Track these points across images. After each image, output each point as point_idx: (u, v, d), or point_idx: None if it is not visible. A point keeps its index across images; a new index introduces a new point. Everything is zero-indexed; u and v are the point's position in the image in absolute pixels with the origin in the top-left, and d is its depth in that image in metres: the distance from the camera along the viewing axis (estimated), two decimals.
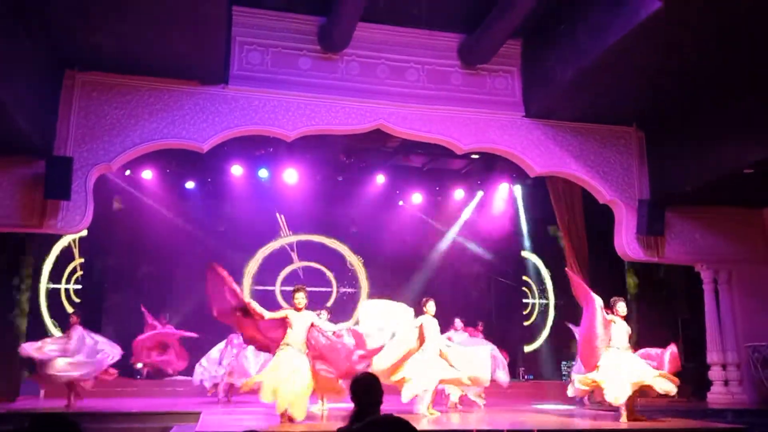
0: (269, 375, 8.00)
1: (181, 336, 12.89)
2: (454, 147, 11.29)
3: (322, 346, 8.32)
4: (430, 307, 9.82)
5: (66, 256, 15.13)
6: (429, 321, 9.70)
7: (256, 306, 8.23)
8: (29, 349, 10.24)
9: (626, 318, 9.21)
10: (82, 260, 15.25)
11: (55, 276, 15.03)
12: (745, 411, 10.76)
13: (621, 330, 8.95)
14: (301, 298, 8.36)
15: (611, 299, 9.27)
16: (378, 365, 8.95)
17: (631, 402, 8.68)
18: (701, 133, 10.56)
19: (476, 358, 9.87)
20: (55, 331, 14.19)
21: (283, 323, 8.29)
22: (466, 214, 17.39)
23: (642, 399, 9.53)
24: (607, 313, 8.96)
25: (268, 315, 8.27)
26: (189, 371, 13.83)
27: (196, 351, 12.88)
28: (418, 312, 9.91)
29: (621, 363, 8.63)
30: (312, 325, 8.37)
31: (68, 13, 8.49)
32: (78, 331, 10.46)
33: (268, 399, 7.85)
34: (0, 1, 7.51)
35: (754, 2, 7.54)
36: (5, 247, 12.05)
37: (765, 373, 11.42)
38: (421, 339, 9.59)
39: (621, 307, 9.14)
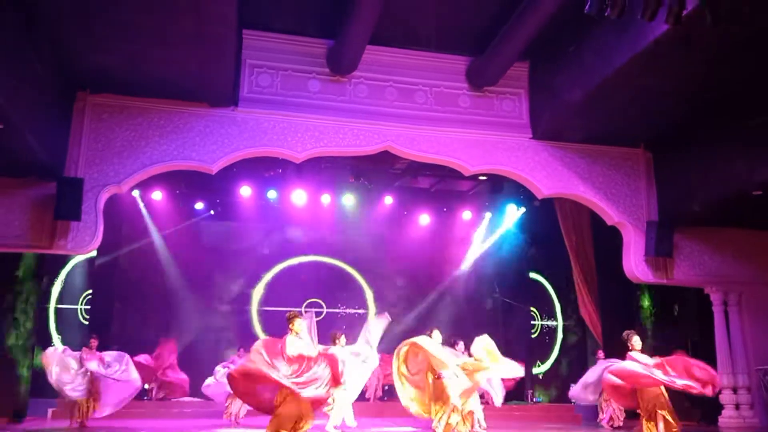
0: None
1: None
2: (461, 169, 11.32)
3: None
4: (436, 336, 9.82)
5: (75, 277, 15.17)
6: None
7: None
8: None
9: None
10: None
11: (64, 296, 15.08)
12: None
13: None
14: (298, 324, 8.39)
15: (624, 333, 9.11)
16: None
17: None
18: (709, 155, 10.56)
19: None
20: None
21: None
22: (474, 235, 17.36)
23: None
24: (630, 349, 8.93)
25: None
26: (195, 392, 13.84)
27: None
28: None
29: None
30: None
31: (79, 37, 8.62)
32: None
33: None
34: (10, 24, 7.62)
35: (761, 24, 7.57)
36: (15, 268, 12.10)
37: None
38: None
39: (636, 341, 9.00)
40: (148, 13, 8.12)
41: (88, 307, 15.21)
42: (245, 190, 14.92)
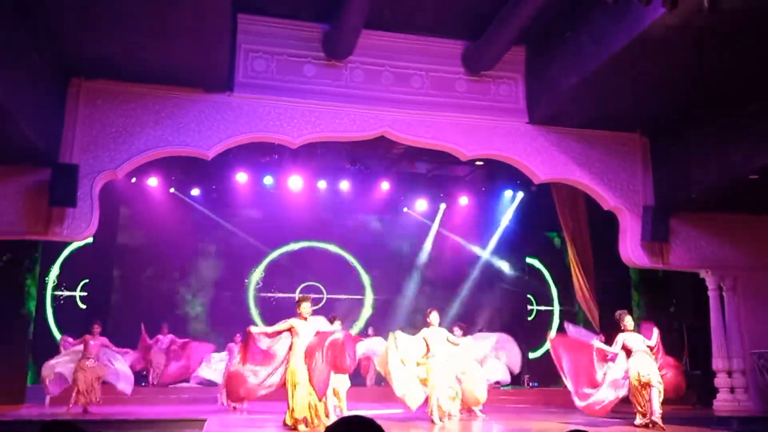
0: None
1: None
2: (458, 154, 11.30)
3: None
4: (434, 318, 9.83)
5: (72, 263, 15.16)
6: (432, 332, 9.69)
7: (257, 329, 8.47)
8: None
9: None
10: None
11: (61, 283, 15.07)
12: (752, 419, 10.72)
13: (636, 340, 9.06)
14: (307, 308, 8.41)
15: (617, 313, 9.24)
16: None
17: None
18: (706, 139, 10.56)
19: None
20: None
21: (288, 333, 8.35)
22: (469, 220, 17.37)
23: None
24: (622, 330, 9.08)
25: (272, 329, 8.33)
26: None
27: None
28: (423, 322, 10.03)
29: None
30: (317, 332, 8.39)
31: (73, 22, 8.55)
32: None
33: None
34: (5, 9, 7.56)
35: (757, 8, 7.54)
36: (12, 254, 12.08)
37: None
38: (427, 350, 9.62)
39: (628, 321, 9.13)
40: (143, 0, 8.05)
41: (85, 293, 15.22)
42: (241, 176, 14.92)
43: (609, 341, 9.53)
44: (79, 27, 8.66)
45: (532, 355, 16.97)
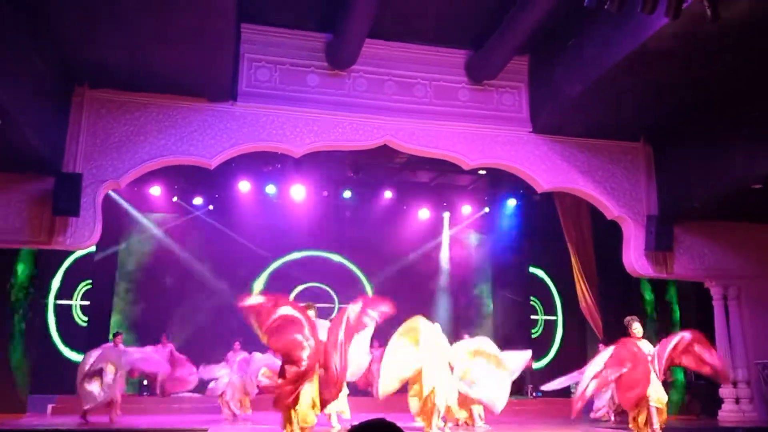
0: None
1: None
2: (461, 163, 11.29)
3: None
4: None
5: (74, 272, 15.14)
6: None
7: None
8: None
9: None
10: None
11: (64, 292, 15.06)
12: (757, 429, 10.65)
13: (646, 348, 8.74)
14: (311, 316, 8.45)
15: (626, 319, 9.04)
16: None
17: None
18: (709, 148, 10.54)
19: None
20: (63, 348, 14.23)
21: None
22: (473, 230, 17.36)
23: None
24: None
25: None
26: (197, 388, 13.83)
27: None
28: None
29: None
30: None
31: (77, 30, 8.57)
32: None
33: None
34: (9, 17, 7.58)
35: (760, 15, 7.54)
36: (14, 263, 12.07)
37: None
38: None
39: (637, 327, 8.87)
40: (147, 7, 8.07)
41: (87, 302, 15.20)
42: (244, 185, 14.92)
43: None
44: (84, 35, 8.68)
45: (535, 365, 16.90)
